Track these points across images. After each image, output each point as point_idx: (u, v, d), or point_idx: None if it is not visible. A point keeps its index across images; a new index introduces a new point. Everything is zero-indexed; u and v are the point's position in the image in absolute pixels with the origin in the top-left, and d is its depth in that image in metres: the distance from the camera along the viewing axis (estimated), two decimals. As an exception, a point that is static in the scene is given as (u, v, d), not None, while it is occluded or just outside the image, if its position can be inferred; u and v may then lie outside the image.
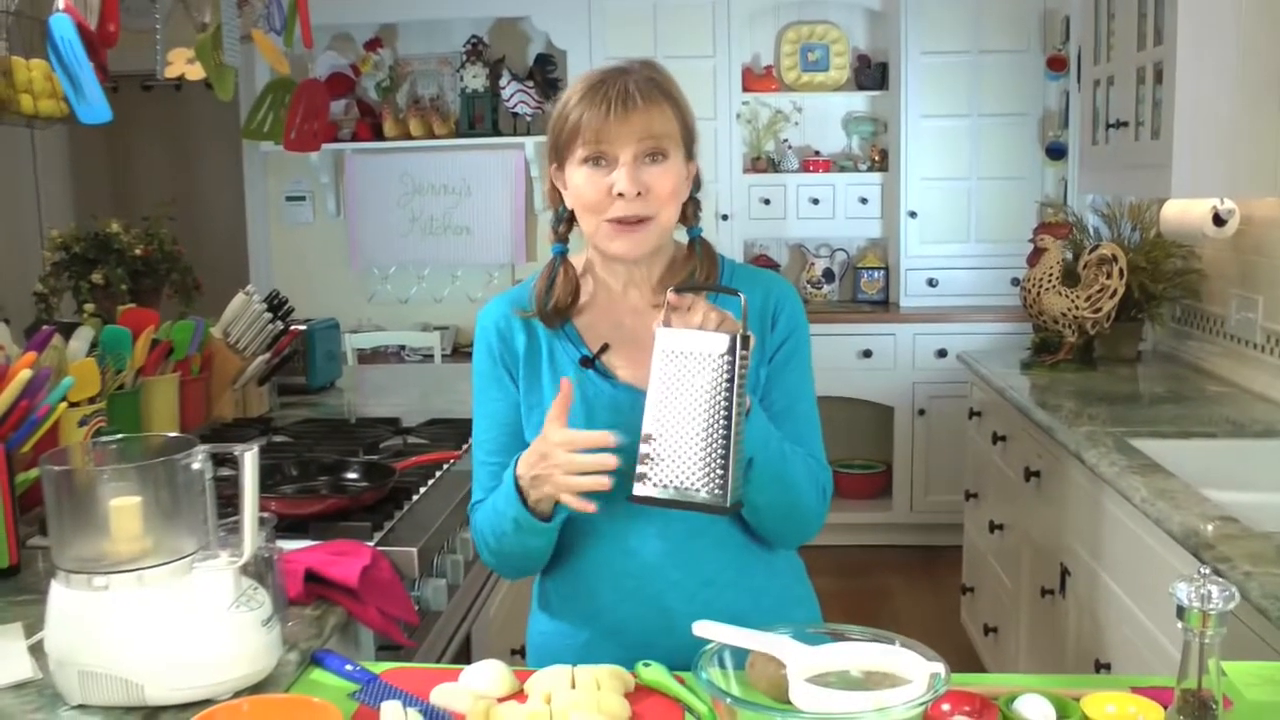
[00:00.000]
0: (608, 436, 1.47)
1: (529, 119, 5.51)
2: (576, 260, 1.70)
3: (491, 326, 1.69)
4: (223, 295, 3.12)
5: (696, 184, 1.66)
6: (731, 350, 1.42)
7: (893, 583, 4.91)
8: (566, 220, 1.67)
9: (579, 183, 1.57)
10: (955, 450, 4.68)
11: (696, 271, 1.65)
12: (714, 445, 1.42)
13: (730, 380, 1.41)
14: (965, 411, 4.04)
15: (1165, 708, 1.29)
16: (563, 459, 1.48)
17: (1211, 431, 2.78)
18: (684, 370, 1.44)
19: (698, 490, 1.43)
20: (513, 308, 1.69)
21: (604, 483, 1.47)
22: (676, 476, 1.44)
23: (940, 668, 1.22)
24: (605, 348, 1.65)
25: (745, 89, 5.46)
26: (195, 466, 1.40)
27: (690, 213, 1.66)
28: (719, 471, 1.42)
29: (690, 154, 1.62)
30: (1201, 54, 2.85)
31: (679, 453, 1.43)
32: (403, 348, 5.59)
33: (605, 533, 1.62)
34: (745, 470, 1.49)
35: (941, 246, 5.29)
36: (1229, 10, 2.83)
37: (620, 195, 1.54)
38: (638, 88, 1.54)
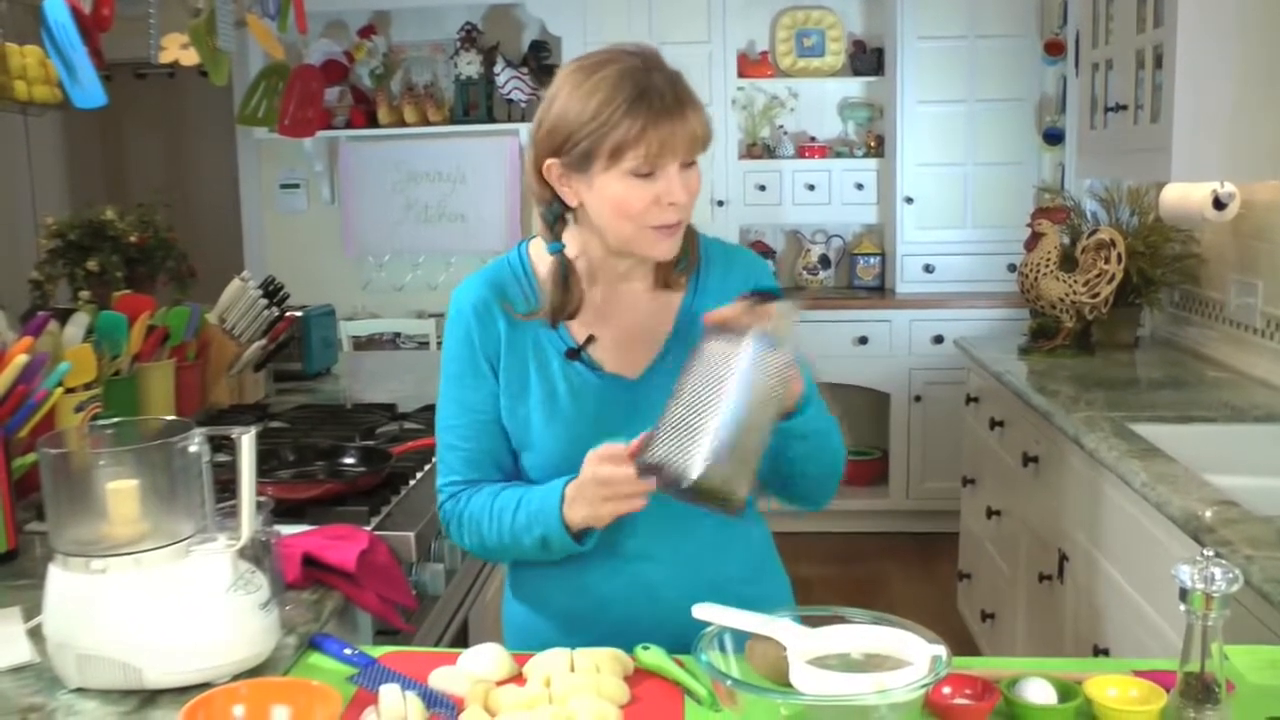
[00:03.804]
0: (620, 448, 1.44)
1: (523, 106, 5.50)
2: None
3: (469, 310, 1.62)
4: (218, 282, 3.12)
5: None
6: (756, 351, 1.38)
7: (889, 569, 4.91)
8: (561, 218, 1.59)
9: (620, 193, 1.48)
10: (952, 436, 4.68)
11: (688, 251, 1.63)
12: (726, 443, 1.38)
13: (749, 380, 1.37)
14: (962, 397, 4.04)
15: (1167, 691, 1.29)
16: (590, 473, 1.46)
17: (1211, 416, 2.78)
18: (706, 367, 1.40)
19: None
20: (491, 290, 1.62)
21: (636, 504, 1.45)
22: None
23: (942, 650, 1.22)
24: (591, 339, 1.61)
25: (740, 75, 5.44)
26: (192, 449, 1.39)
27: None
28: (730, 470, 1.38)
29: None
30: (1202, 36, 2.83)
31: (692, 448, 1.39)
32: (398, 335, 5.59)
33: None
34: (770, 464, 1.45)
35: (938, 232, 5.28)
36: (1229, -8, 2.82)
37: (672, 204, 1.49)
38: (675, 95, 1.47)
